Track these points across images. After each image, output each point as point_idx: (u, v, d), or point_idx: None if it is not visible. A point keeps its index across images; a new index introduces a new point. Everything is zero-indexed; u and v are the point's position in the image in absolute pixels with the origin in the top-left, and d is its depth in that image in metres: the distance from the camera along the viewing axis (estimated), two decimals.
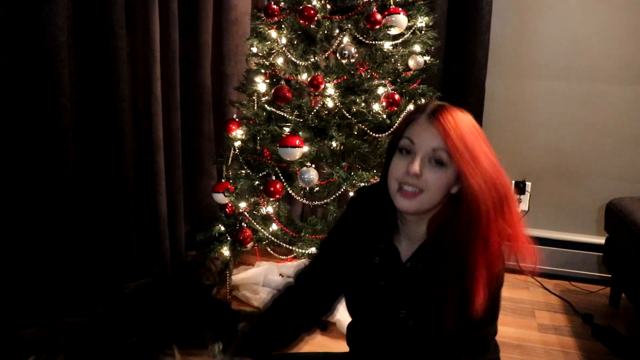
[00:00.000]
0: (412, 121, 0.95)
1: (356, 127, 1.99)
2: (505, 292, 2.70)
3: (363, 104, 1.94)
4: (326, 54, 1.97)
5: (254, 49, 2.09)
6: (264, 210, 2.06)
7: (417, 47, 2.06)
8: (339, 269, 1.10)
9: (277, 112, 1.97)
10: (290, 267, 2.47)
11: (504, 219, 0.89)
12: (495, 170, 0.89)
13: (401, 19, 1.95)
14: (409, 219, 1.01)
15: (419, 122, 0.93)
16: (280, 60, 2.03)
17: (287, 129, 1.92)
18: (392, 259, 1.04)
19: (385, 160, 1.01)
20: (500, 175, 0.90)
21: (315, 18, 1.89)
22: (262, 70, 2.07)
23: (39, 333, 1.45)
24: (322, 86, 1.89)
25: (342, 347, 1.22)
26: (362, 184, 1.90)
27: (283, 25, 2.00)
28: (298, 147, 1.84)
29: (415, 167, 0.90)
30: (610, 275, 2.36)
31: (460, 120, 0.91)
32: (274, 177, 1.96)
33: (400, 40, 2.00)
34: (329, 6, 1.98)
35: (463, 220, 0.89)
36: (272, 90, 1.93)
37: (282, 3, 2.02)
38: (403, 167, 0.92)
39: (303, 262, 2.13)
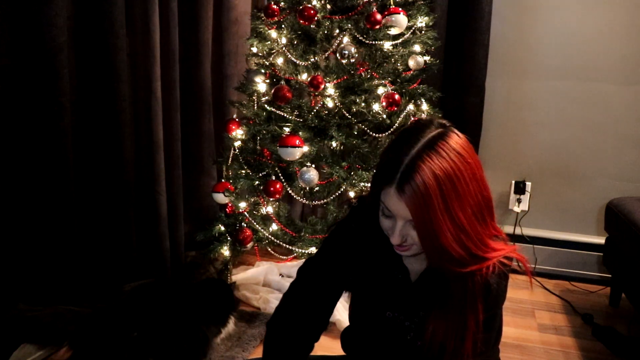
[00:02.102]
0: (385, 188, 0.89)
1: (356, 127, 2.00)
2: None
3: (363, 104, 1.94)
4: (326, 54, 1.97)
5: (254, 49, 2.09)
6: (264, 210, 2.06)
7: (417, 47, 2.06)
8: (341, 275, 1.08)
9: (277, 112, 1.98)
10: (290, 267, 2.47)
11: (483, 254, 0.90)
12: (462, 227, 0.87)
13: (401, 19, 1.96)
14: None
15: (390, 193, 0.88)
16: (280, 60, 2.03)
17: (287, 129, 1.92)
18: (402, 279, 1.03)
19: (372, 188, 0.96)
20: (472, 224, 0.87)
21: (315, 18, 1.89)
22: (262, 70, 2.07)
23: (40, 312, 1.44)
24: (322, 86, 1.89)
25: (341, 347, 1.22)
26: (362, 184, 1.90)
27: (283, 25, 2.00)
28: (298, 147, 1.84)
29: (396, 239, 0.91)
30: (610, 275, 2.36)
31: (430, 185, 0.84)
32: (274, 177, 1.96)
33: (400, 40, 2.00)
34: (329, 6, 1.98)
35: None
36: (272, 90, 1.93)
37: (282, 3, 2.02)
38: (388, 228, 0.93)
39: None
